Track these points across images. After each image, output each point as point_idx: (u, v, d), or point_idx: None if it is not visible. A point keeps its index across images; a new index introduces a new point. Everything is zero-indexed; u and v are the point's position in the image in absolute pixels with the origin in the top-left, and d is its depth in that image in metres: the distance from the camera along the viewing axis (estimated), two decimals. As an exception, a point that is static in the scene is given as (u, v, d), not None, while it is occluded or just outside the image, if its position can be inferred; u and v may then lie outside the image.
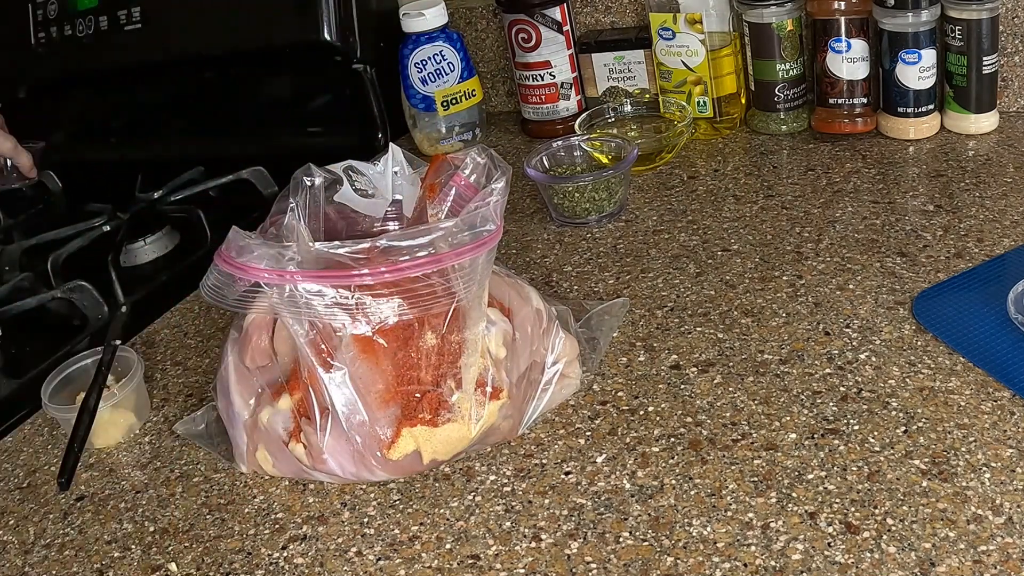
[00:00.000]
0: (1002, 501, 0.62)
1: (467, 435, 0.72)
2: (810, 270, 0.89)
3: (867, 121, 1.12)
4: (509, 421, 0.74)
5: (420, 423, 0.70)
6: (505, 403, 0.73)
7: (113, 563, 0.71)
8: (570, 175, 1.07)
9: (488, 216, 0.69)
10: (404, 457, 0.71)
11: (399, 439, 0.70)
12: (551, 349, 0.77)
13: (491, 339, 0.72)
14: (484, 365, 0.71)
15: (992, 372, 0.73)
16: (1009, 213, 0.93)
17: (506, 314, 0.75)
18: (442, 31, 1.25)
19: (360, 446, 0.70)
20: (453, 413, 0.71)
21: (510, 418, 0.74)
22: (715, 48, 1.16)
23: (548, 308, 0.78)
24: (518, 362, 0.74)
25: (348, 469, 0.72)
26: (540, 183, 1.05)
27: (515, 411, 0.74)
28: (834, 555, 0.60)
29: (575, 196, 1.03)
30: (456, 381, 0.71)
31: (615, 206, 1.04)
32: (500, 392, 0.72)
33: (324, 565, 0.67)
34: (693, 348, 0.81)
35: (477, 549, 0.66)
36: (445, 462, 0.73)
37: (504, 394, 0.72)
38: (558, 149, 1.10)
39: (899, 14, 1.04)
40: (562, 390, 0.78)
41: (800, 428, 0.71)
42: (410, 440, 0.71)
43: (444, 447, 0.72)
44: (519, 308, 0.75)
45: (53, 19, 1.42)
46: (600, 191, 1.03)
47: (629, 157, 1.03)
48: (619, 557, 0.63)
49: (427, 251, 0.66)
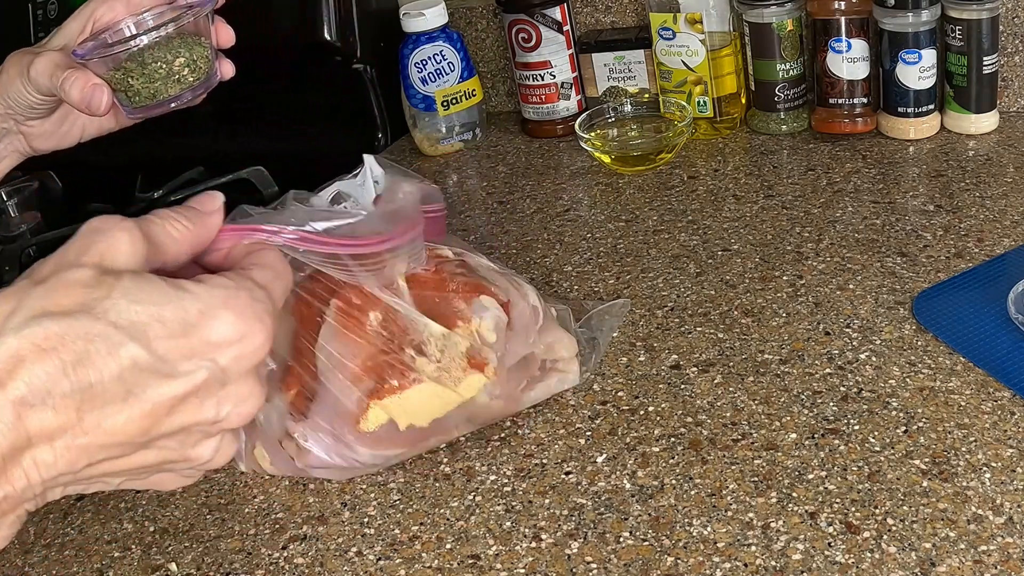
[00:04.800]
0: (1002, 501, 0.62)
1: (441, 396, 0.72)
2: (810, 270, 0.89)
3: (867, 121, 1.12)
4: (499, 402, 0.74)
5: (387, 393, 0.70)
6: (491, 380, 0.73)
7: (113, 563, 0.71)
8: (126, 39, 0.73)
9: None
10: (379, 428, 0.71)
11: (368, 411, 0.71)
12: (548, 346, 0.77)
13: (483, 324, 0.72)
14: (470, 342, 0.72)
15: (992, 372, 0.73)
16: (1009, 213, 0.93)
17: (504, 306, 0.75)
18: (442, 31, 1.25)
19: (332, 425, 0.71)
20: (419, 374, 0.70)
21: (499, 399, 0.74)
22: (715, 48, 1.16)
23: (545, 306, 0.78)
24: (511, 349, 0.74)
25: (332, 452, 0.72)
26: (92, 66, 0.72)
27: (506, 394, 0.74)
28: (834, 555, 0.60)
29: (138, 70, 0.72)
30: (415, 348, 0.70)
31: (199, 75, 0.75)
32: (484, 366, 0.72)
33: (324, 565, 0.67)
34: (693, 348, 0.81)
35: (477, 549, 0.66)
36: (427, 430, 0.73)
37: (490, 370, 0.72)
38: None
39: (899, 14, 1.04)
40: (558, 383, 0.78)
41: (800, 428, 0.71)
42: (380, 411, 0.71)
43: (418, 411, 0.72)
44: (516, 301, 0.76)
45: (53, 19, 1.42)
46: (172, 53, 0.73)
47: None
48: (619, 557, 0.63)
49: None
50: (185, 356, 0.44)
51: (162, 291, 0.44)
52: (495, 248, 1.03)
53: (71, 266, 0.44)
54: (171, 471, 0.48)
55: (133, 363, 0.42)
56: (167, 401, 0.43)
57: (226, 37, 0.77)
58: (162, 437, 0.44)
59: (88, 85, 0.71)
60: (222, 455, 0.47)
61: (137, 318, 0.43)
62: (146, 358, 0.42)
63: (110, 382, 0.42)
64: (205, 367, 0.44)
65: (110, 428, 0.42)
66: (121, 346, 0.42)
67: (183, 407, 0.44)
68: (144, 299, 0.43)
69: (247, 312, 0.45)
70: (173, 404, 0.44)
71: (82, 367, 0.41)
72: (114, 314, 0.43)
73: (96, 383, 0.42)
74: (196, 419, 0.45)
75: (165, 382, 0.43)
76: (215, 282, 0.46)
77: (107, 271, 0.44)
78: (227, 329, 0.45)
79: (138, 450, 0.44)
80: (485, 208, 1.13)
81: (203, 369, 0.44)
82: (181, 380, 0.43)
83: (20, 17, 1.45)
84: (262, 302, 0.47)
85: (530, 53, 1.25)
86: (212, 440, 0.46)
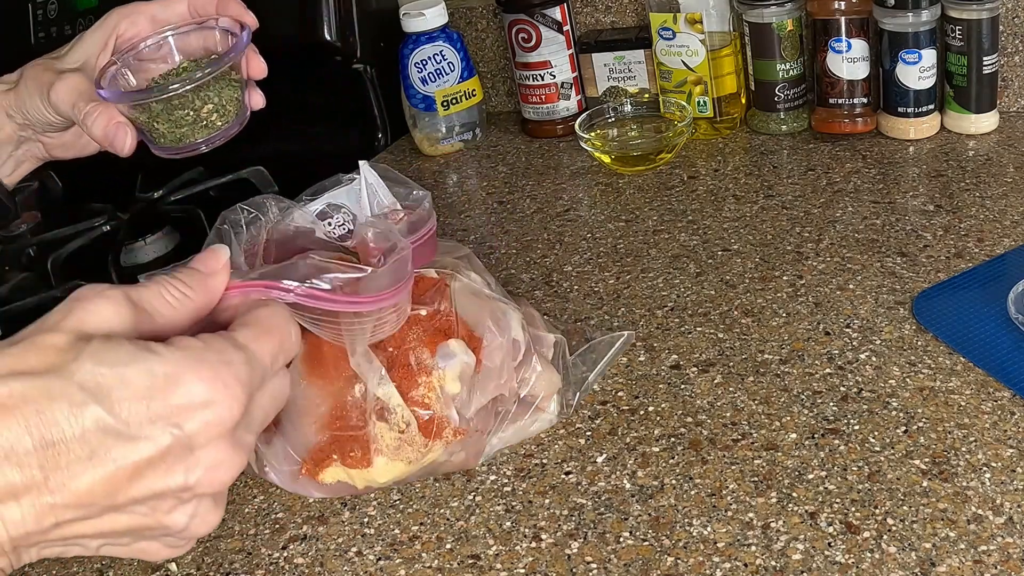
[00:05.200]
0: (1002, 501, 0.62)
1: (402, 469, 0.70)
2: (810, 270, 0.89)
3: (867, 121, 1.12)
4: (461, 455, 0.71)
5: (352, 463, 0.69)
6: (450, 441, 0.70)
7: (113, 563, 0.71)
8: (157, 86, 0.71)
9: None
10: (336, 482, 0.71)
11: (328, 468, 0.70)
12: (525, 382, 0.74)
13: (447, 374, 0.69)
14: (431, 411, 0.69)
15: (992, 372, 0.73)
16: (1009, 213, 0.93)
17: (474, 344, 0.71)
18: (442, 31, 1.25)
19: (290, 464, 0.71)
20: (379, 444, 0.69)
21: (461, 452, 0.71)
22: (715, 48, 1.16)
23: (527, 338, 0.74)
24: (478, 395, 0.71)
25: (288, 485, 0.72)
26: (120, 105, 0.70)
27: (469, 445, 0.71)
28: (834, 555, 0.60)
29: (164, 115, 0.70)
30: (377, 413, 0.68)
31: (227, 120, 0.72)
32: (443, 431, 0.70)
33: (324, 565, 0.67)
34: (693, 348, 0.81)
35: (477, 549, 0.66)
36: (384, 485, 0.72)
37: (449, 432, 0.70)
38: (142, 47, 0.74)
39: (899, 14, 1.04)
40: (533, 424, 0.75)
41: (800, 428, 0.71)
42: (339, 471, 0.70)
43: (378, 476, 0.70)
44: (491, 338, 0.72)
45: (53, 19, 1.42)
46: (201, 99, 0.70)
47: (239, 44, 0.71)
48: (619, 557, 0.63)
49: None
50: (149, 420, 0.43)
51: (129, 353, 0.43)
52: (495, 248, 1.03)
53: (48, 331, 0.44)
54: (152, 539, 0.46)
55: (96, 424, 0.42)
56: (131, 465, 0.42)
57: (258, 69, 0.74)
58: (132, 503, 0.43)
59: (111, 123, 0.69)
60: (201, 522, 0.46)
61: (102, 380, 0.42)
62: (109, 420, 0.42)
63: (73, 442, 0.41)
64: (170, 432, 0.43)
65: (75, 489, 0.42)
66: (84, 406, 0.41)
67: (150, 472, 0.43)
68: (110, 360, 0.43)
69: (214, 377, 0.44)
70: (138, 468, 0.42)
71: (44, 426, 0.41)
72: (79, 375, 0.42)
73: (59, 442, 0.41)
74: (165, 485, 0.43)
75: (129, 445, 0.42)
76: (185, 344, 0.45)
77: (82, 336, 0.43)
78: (192, 394, 0.43)
79: (107, 512, 0.43)
80: (485, 208, 1.13)
81: (167, 434, 0.43)
82: (145, 444, 0.42)
83: (20, 17, 1.45)
84: (233, 365, 0.45)
85: (530, 53, 1.25)
86: (186, 507, 0.45)
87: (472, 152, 1.29)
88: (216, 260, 0.51)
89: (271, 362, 0.48)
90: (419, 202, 0.73)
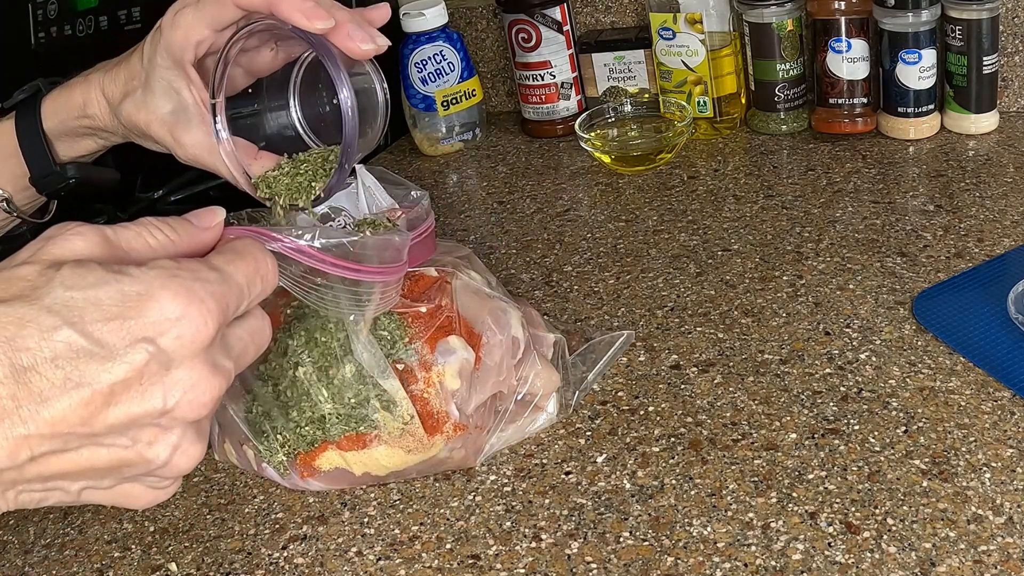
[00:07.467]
0: (1002, 501, 0.62)
1: (402, 458, 0.70)
2: (810, 270, 0.89)
3: (867, 121, 1.12)
4: (460, 452, 0.71)
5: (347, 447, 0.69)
6: (451, 437, 0.70)
7: (113, 563, 0.71)
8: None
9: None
10: (333, 469, 0.71)
11: (324, 453, 0.70)
12: (524, 380, 0.74)
13: (447, 370, 0.70)
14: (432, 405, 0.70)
15: (992, 372, 0.73)
16: (1009, 213, 0.93)
17: (474, 341, 0.72)
18: (442, 31, 1.25)
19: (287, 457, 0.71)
20: (380, 430, 0.69)
21: (461, 449, 0.71)
22: (715, 48, 1.16)
23: (527, 337, 0.74)
24: (477, 392, 0.71)
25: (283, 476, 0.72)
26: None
27: (469, 442, 0.71)
28: (834, 555, 0.60)
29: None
30: (381, 403, 0.69)
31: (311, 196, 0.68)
32: (444, 425, 0.70)
33: (324, 565, 0.67)
34: (693, 348, 0.81)
35: (477, 549, 0.66)
36: (383, 477, 0.72)
37: (449, 426, 0.70)
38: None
39: (899, 14, 1.04)
40: (532, 423, 0.75)
41: (800, 428, 0.71)
42: (336, 456, 0.70)
43: (377, 464, 0.71)
44: (491, 335, 0.72)
45: (53, 19, 1.42)
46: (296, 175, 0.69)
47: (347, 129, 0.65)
48: (619, 557, 0.63)
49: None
50: (122, 338, 0.42)
51: (100, 276, 0.43)
52: (495, 248, 1.03)
53: (20, 264, 0.43)
54: (135, 480, 0.45)
55: (68, 347, 0.41)
56: (106, 387, 0.41)
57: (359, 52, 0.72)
58: (110, 432, 0.42)
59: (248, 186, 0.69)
60: (183, 455, 0.44)
61: (73, 303, 0.42)
62: (82, 342, 0.41)
63: (45, 367, 0.41)
64: (145, 349, 0.42)
65: (48, 416, 0.41)
66: (55, 330, 0.41)
67: (125, 394, 0.42)
68: (80, 284, 0.42)
69: (188, 292, 0.43)
70: (113, 390, 0.42)
71: (14, 352, 0.40)
72: (49, 300, 0.41)
73: (30, 368, 0.40)
74: (143, 408, 0.42)
75: (103, 365, 0.41)
76: (157, 264, 0.44)
77: (52, 264, 0.43)
78: (165, 309, 0.42)
79: (85, 445, 0.42)
80: (485, 208, 1.13)
81: (142, 351, 0.42)
82: (120, 363, 0.42)
83: (20, 17, 1.45)
84: (207, 282, 0.44)
85: (530, 53, 1.25)
86: (168, 436, 0.44)
87: (472, 152, 1.29)
88: (211, 217, 0.50)
89: (246, 283, 0.47)
90: (417, 201, 0.73)
